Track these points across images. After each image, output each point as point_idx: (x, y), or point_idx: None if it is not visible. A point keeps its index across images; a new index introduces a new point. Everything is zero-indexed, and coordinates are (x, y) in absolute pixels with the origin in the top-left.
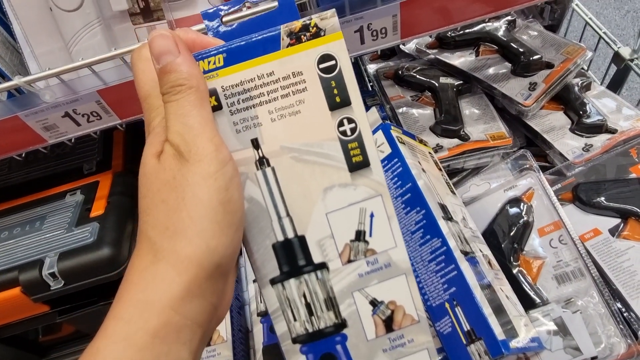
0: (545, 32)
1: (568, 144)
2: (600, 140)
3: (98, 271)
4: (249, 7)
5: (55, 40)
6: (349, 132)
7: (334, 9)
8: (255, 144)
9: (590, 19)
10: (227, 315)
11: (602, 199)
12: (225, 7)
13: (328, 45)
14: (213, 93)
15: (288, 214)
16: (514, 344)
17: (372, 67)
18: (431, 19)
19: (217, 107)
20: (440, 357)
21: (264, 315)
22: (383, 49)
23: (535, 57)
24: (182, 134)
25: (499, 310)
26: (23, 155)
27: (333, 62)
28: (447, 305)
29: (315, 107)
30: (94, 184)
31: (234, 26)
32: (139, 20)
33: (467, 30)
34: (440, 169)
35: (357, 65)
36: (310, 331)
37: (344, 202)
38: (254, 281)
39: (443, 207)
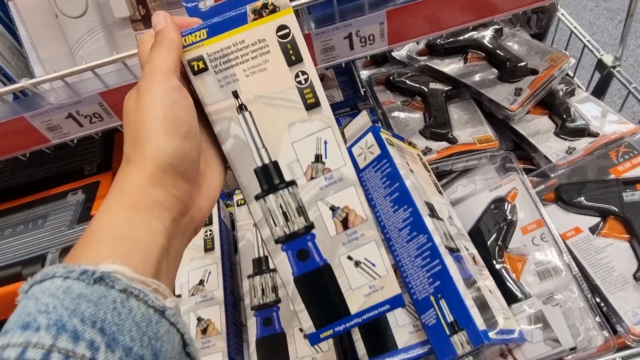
0: (530, 40)
1: (552, 147)
2: (582, 144)
3: None
4: None
5: (60, 45)
6: (303, 82)
7: None
8: (235, 94)
9: (575, 27)
10: (222, 309)
11: (583, 198)
12: None
13: (283, 18)
14: (200, 58)
15: (264, 146)
16: (494, 334)
17: (364, 73)
18: (417, 27)
19: (204, 69)
20: (426, 349)
21: (258, 308)
22: (372, 54)
23: (521, 63)
24: (145, 71)
25: (481, 303)
26: (27, 155)
27: (287, 31)
28: (432, 298)
29: (277, 65)
30: (94, 183)
31: (208, 9)
32: (140, 27)
33: (455, 38)
34: (428, 170)
35: (351, 71)
36: (287, 233)
37: (304, 134)
38: (248, 277)
39: (429, 206)
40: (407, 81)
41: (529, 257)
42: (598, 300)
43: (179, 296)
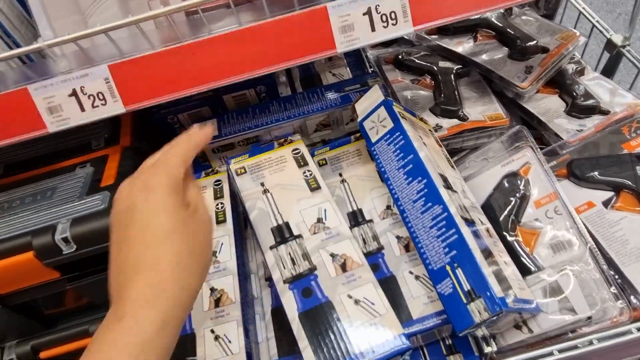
0: (540, 18)
1: (563, 125)
2: (593, 121)
3: (109, 237)
4: None
5: (72, 12)
6: (308, 175)
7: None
8: (262, 184)
9: (583, 8)
10: (235, 279)
11: (596, 173)
12: None
13: (296, 145)
14: (242, 167)
15: (279, 212)
16: (511, 302)
17: (372, 53)
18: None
19: (244, 172)
20: (441, 319)
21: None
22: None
23: (531, 42)
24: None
25: (497, 272)
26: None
27: (299, 150)
28: (447, 267)
29: (291, 167)
30: (103, 157)
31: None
32: None
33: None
34: (440, 146)
35: (358, 51)
36: (294, 274)
37: (309, 205)
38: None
39: (443, 178)
40: (416, 60)
41: (543, 231)
42: (612, 273)
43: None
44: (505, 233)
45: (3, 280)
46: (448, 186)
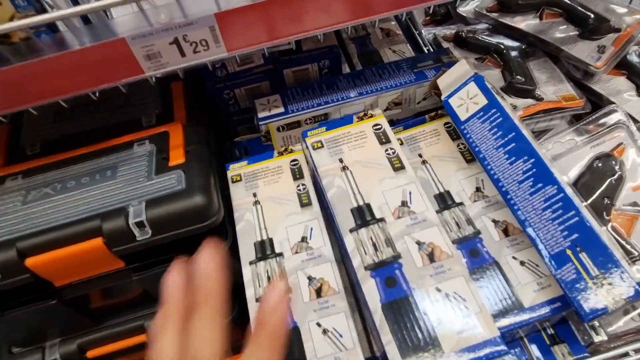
0: None
1: (637, 106)
2: None
3: (189, 221)
4: None
5: None
6: (391, 154)
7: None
8: (341, 160)
9: None
10: (334, 266)
11: None
12: None
13: (377, 120)
14: (319, 141)
15: (360, 192)
16: None
17: (429, 31)
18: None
19: (321, 147)
20: (556, 306)
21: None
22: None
23: (605, 21)
24: None
25: (622, 256)
26: (96, 94)
27: (380, 126)
28: (568, 252)
29: (372, 143)
30: (163, 134)
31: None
32: None
33: None
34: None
35: (409, 29)
36: (376, 261)
37: (393, 186)
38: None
39: (545, 156)
40: (481, 38)
41: None
42: None
43: (281, 254)
44: (599, 217)
45: (63, 271)
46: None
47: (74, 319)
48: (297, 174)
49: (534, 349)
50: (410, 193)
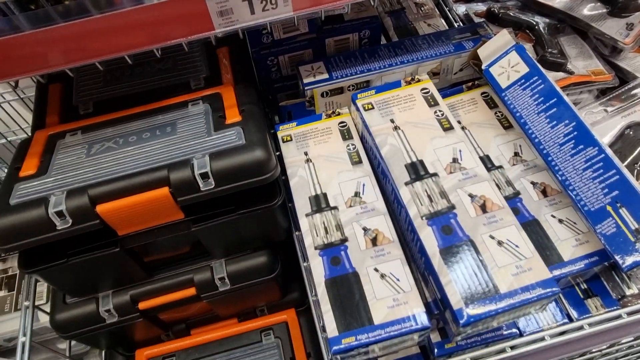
0: None
1: None
2: None
3: (250, 173)
4: None
5: None
6: (440, 115)
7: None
8: (392, 121)
9: None
10: (387, 218)
11: None
12: None
13: (425, 84)
14: (369, 103)
15: (412, 149)
16: None
17: (460, 8)
18: None
19: (371, 108)
20: (593, 260)
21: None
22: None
23: None
24: None
25: None
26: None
27: (428, 89)
28: (609, 208)
29: (421, 107)
30: (215, 95)
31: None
32: None
33: None
34: None
35: (439, 4)
36: (432, 211)
37: (443, 144)
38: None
39: None
40: (513, 13)
41: None
42: None
43: (335, 207)
44: None
45: (129, 219)
46: None
47: (130, 270)
48: (346, 135)
49: (569, 303)
50: (460, 151)
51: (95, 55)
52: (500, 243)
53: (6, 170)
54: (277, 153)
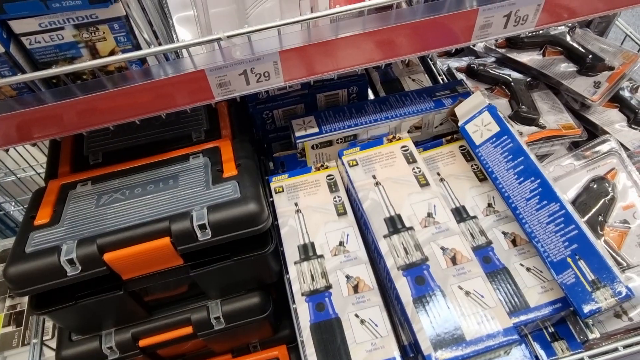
0: (600, 38)
1: (628, 136)
2: None
3: (244, 225)
4: None
5: (230, 2)
6: (417, 172)
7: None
8: (374, 177)
9: (630, 32)
10: (369, 267)
11: None
12: None
13: (404, 142)
14: (354, 160)
15: (391, 204)
16: (633, 290)
17: (443, 63)
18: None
19: (356, 165)
20: (557, 306)
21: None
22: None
23: (601, 60)
24: None
25: (614, 265)
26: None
27: (407, 147)
28: (569, 260)
29: (400, 162)
30: (214, 149)
31: (364, 143)
32: None
33: (535, 33)
34: None
35: (425, 60)
36: (407, 262)
37: (419, 199)
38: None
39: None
40: (491, 70)
41: (631, 230)
42: None
43: (322, 255)
44: (593, 232)
45: (132, 266)
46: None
47: (132, 310)
48: (333, 187)
49: (537, 345)
50: (434, 206)
51: (109, 121)
52: (467, 293)
53: (14, 204)
54: (271, 199)
